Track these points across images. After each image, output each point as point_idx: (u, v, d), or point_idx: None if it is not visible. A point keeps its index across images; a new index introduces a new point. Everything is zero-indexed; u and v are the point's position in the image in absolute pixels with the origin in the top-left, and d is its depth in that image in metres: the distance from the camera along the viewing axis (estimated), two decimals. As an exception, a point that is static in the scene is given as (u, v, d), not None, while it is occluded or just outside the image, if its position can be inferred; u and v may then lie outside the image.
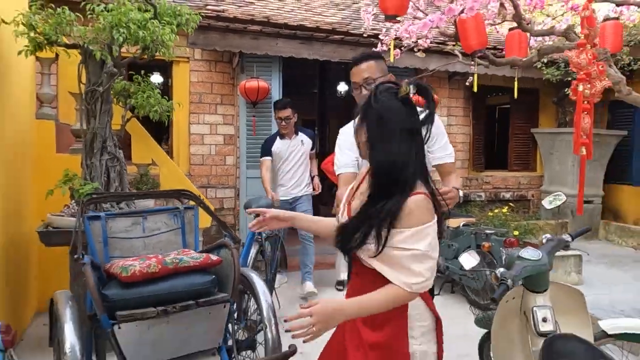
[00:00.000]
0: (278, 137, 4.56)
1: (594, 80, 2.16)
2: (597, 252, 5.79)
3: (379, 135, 1.49)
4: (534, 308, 2.28)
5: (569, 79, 5.67)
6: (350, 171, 2.36)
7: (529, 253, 2.33)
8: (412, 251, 1.42)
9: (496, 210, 5.17)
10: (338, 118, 8.34)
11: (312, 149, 4.70)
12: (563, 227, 6.43)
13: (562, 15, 3.80)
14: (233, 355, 2.46)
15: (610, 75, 3.11)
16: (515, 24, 3.72)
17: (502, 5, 3.74)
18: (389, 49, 3.85)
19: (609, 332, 2.57)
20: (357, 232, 1.48)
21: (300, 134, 4.61)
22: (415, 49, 4.45)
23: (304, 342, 1.39)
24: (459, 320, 3.63)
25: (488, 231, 4.54)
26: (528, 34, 3.63)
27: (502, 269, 2.26)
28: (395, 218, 1.43)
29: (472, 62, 3.60)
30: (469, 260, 2.49)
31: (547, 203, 2.88)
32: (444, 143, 2.34)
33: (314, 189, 4.73)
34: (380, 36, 4.11)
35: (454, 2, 3.10)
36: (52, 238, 3.16)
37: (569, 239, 2.50)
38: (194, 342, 2.31)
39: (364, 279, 1.54)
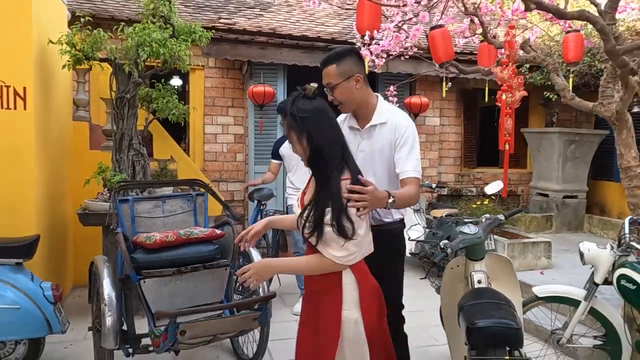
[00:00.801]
0: (287, 141, 4.93)
1: (514, 90, 2.72)
2: (575, 242, 6.22)
3: (302, 134, 1.76)
4: (472, 272, 2.83)
5: (550, 82, 6.15)
6: None
7: (468, 229, 2.89)
8: None
9: (478, 202, 5.70)
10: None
11: None
12: (548, 220, 6.91)
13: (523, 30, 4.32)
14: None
15: (557, 83, 3.64)
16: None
17: (472, 21, 4.28)
18: (376, 58, 4.42)
19: (539, 295, 3.13)
20: (306, 220, 1.74)
21: None
22: (402, 58, 5.02)
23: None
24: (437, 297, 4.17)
25: (467, 220, 5.07)
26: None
27: (445, 241, 2.83)
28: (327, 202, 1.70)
29: (444, 70, 4.14)
30: (414, 233, 3.05)
31: (489, 190, 3.35)
32: (406, 154, 2.21)
33: None
34: (362, 50, 4.63)
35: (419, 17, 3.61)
36: (89, 219, 3.85)
37: (503, 218, 3.04)
38: (201, 296, 2.94)
39: (311, 252, 1.84)
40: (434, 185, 5.84)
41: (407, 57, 4.95)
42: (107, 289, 2.71)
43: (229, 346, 3.51)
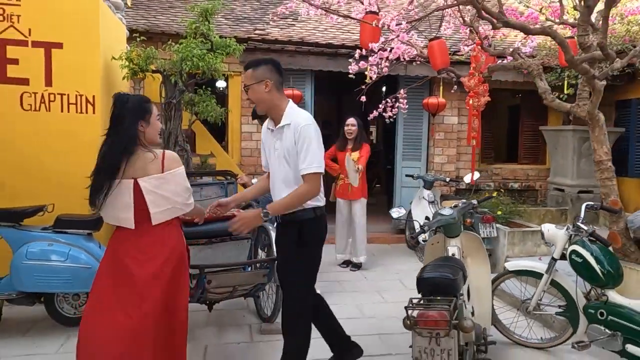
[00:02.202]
0: None
1: (480, 96, 3.27)
2: (587, 235, 6.54)
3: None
4: (448, 247, 3.41)
5: (560, 83, 6.52)
6: None
7: (445, 211, 3.47)
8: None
9: (495, 194, 6.17)
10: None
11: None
12: (563, 214, 7.23)
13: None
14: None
15: (539, 87, 4.14)
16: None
17: (470, 31, 4.82)
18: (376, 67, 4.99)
19: (510, 269, 3.67)
20: None
21: None
22: (414, 63, 5.60)
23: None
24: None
25: (471, 210, 5.57)
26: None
27: (425, 221, 3.44)
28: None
29: (443, 75, 4.70)
30: (397, 212, 3.65)
31: (466, 179, 3.85)
32: (302, 152, 2.44)
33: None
34: (370, 58, 5.13)
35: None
36: (142, 202, 4.69)
37: (476, 203, 3.60)
38: (227, 260, 3.69)
39: None
40: (447, 179, 6.35)
41: (419, 62, 5.53)
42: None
43: (253, 308, 4.24)
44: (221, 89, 7.79)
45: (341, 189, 5.56)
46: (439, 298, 2.38)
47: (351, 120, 5.41)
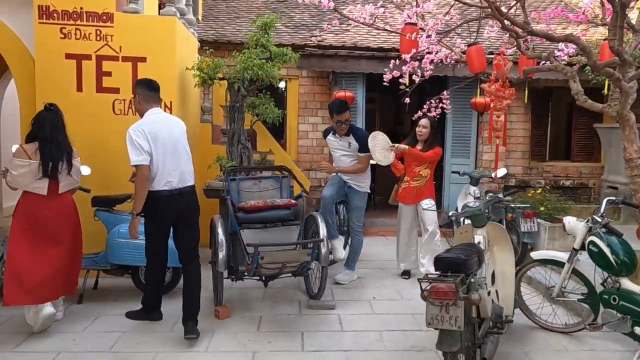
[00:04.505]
0: (331, 132, 5.07)
1: (502, 99, 3.59)
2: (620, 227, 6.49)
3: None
4: (475, 236, 3.77)
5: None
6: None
7: (472, 204, 3.85)
8: None
9: (532, 192, 6.35)
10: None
11: (360, 151, 4.90)
12: (615, 212, 7.20)
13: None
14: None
15: (572, 88, 4.38)
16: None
17: (510, 36, 5.09)
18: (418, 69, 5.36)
19: (534, 258, 3.97)
20: None
21: (350, 135, 4.91)
22: (458, 65, 5.91)
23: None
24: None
25: (513, 205, 5.81)
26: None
27: (454, 212, 3.83)
28: None
29: (482, 77, 5.00)
30: (427, 204, 4.04)
31: (499, 173, 4.10)
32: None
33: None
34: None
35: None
36: (210, 193, 5.40)
37: (501, 195, 3.93)
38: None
39: None
40: (493, 175, 6.58)
41: (461, 65, 5.84)
42: (221, 235, 4.13)
43: (303, 288, 4.80)
44: (281, 89, 8.46)
45: (405, 192, 5.15)
46: (449, 274, 2.81)
47: (423, 121, 5.12)
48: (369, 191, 5.20)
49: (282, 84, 9.38)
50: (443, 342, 2.73)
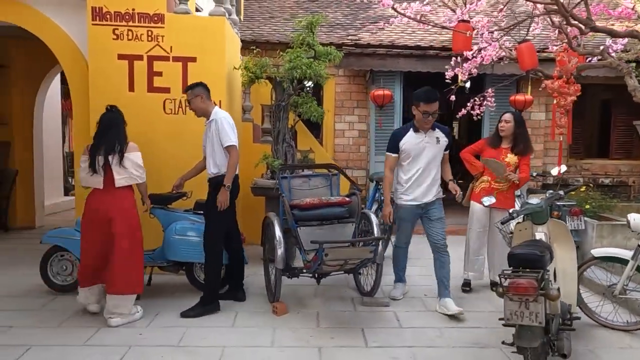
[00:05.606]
0: (411, 130, 4.16)
1: (567, 95, 3.57)
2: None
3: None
4: (535, 233, 3.75)
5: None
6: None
7: (533, 201, 3.82)
8: None
9: (583, 189, 6.29)
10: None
11: (446, 149, 4.25)
12: (658, 210, 7.11)
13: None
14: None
15: (629, 85, 4.34)
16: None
17: (560, 33, 5.05)
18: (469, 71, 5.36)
19: (595, 255, 3.94)
20: None
21: (436, 129, 4.18)
22: (501, 62, 5.88)
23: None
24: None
25: (559, 203, 5.77)
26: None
27: (515, 209, 3.82)
28: None
29: (532, 75, 4.97)
30: (488, 200, 4.03)
31: (554, 171, 4.08)
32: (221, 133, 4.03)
33: (454, 193, 4.24)
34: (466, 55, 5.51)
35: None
36: (257, 191, 5.46)
37: (562, 193, 3.90)
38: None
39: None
40: (534, 174, 6.54)
41: (506, 62, 5.81)
42: (277, 231, 4.17)
43: (353, 285, 4.83)
44: (308, 88, 8.51)
45: (483, 192, 4.57)
46: (527, 270, 2.81)
47: (507, 116, 4.60)
48: None
49: (309, 83, 9.48)
50: (523, 338, 2.73)
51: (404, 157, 4.17)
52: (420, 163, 4.14)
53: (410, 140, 4.14)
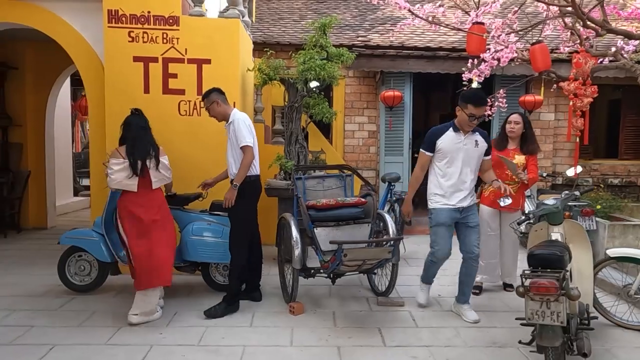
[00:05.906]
0: (450, 129, 3.93)
1: (584, 97, 3.60)
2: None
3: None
4: (551, 233, 3.78)
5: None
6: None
7: (549, 201, 3.84)
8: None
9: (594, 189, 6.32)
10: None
11: (486, 155, 4.04)
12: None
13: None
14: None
15: (645, 84, 4.36)
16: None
17: (572, 34, 5.08)
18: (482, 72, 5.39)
19: (611, 255, 3.97)
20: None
21: (476, 133, 3.96)
22: (512, 63, 5.91)
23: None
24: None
25: (570, 203, 5.80)
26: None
27: (532, 209, 3.84)
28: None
29: (544, 76, 5.00)
30: (503, 201, 4.05)
31: (570, 172, 4.10)
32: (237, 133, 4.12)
33: (502, 191, 3.92)
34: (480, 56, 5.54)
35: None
36: (271, 192, 5.50)
37: (578, 194, 3.93)
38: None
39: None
40: (544, 174, 6.58)
41: (517, 62, 5.83)
42: (295, 232, 4.21)
43: (367, 285, 4.87)
44: (314, 89, 8.54)
45: (493, 195, 4.49)
46: (548, 270, 2.84)
47: (514, 117, 4.57)
48: None
49: (314, 84, 9.52)
50: (544, 337, 2.76)
51: (439, 156, 3.93)
52: (457, 165, 3.89)
53: (448, 139, 3.90)
